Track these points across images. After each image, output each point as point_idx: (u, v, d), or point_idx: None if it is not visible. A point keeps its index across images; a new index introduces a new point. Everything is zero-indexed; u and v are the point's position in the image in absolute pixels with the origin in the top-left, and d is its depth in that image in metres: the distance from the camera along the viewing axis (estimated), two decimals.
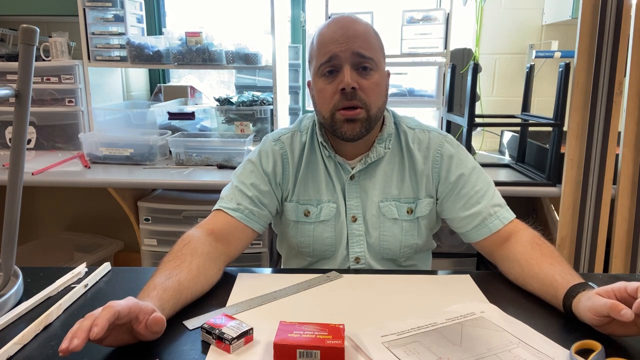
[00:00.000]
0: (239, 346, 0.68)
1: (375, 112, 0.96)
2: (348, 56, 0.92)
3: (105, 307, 0.62)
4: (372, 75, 0.94)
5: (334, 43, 0.92)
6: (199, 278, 0.83)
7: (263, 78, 2.36)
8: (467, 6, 2.18)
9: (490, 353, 0.67)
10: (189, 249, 0.86)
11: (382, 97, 0.97)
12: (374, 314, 0.79)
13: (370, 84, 0.94)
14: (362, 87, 0.93)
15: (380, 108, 0.97)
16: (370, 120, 0.96)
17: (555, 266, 0.84)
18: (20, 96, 0.74)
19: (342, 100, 0.93)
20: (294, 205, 1.04)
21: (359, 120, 0.94)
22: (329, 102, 0.95)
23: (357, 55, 0.92)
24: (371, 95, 0.94)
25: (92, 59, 2.05)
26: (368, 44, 0.94)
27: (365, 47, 0.93)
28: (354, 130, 0.95)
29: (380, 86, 0.96)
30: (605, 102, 1.60)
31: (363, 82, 0.93)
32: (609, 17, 1.56)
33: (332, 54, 0.92)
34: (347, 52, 0.92)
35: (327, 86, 0.95)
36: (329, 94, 0.94)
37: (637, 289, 0.67)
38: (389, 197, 1.03)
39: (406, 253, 1.05)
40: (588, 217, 1.66)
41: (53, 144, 2.13)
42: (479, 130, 2.29)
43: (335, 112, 0.94)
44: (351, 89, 0.92)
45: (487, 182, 1.02)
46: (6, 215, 0.76)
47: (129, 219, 1.94)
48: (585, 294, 0.74)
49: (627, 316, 0.64)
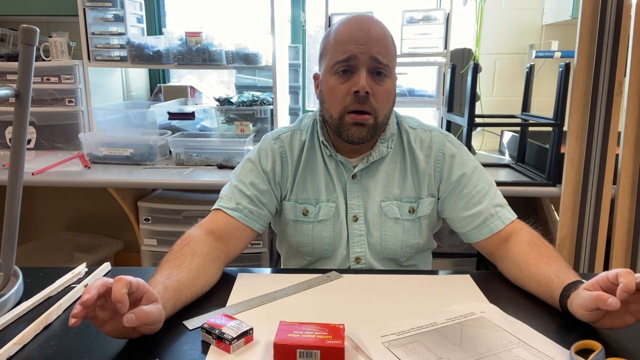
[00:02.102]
0: (239, 346, 0.68)
1: (382, 119, 0.96)
2: (366, 59, 0.91)
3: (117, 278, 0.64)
4: (385, 82, 0.94)
5: (354, 43, 0.92)
6: (199, 278, 0.83)
7: (263, 78, 2.36)
8: (467, 6, 2.18)
9: (490, 353, 0.67)
10: (189, 248, 0.86)
11: (390, 104, 0.97)
12: (374, 314, 0.79)
13: (382, 91, 0.94)
14: (375, 93, 0.93)
15: (387, 115, 0.97)
16: (377, 127, 0.96)
17: (552, 265, 0.84)
18: (20, 96, 0.74)
19: (354, 103, 0.93)
20: (293, 204, 1.04)
21: (367, 125, 0.94)
22: (339, 103, 0.94)
23: (375, 60, 0.92)
24: (382, 102, 0.94)
25: (92, 59, 2.05)
26: (386, 49, 0.93)
27: (383, 53, 0.92)
28: (360, 134, 0.95)
29: (391, 94, 0.96)
30: (605, 102, 1.60)
31: (376, 88, 0.93)
32: (609, 17, 1.56)
33: (351, 54, 0.91)
34: (365, 55, 0.91)
35: (339, 85, 0.94)
36: (341, 94, 0.94)
37: (616, 275, 0.68)
38: (390, 196, 1.03)
39: (407, 253, 1.05)
40: (588, 217, 1.66)
41: (53, 144, 2.13)
42: (479, 130, 2.29)
43: (345, 113, 0.94)
44: (365, 93, 0.91)
45: (488, 182, 1.02)
46: (6, 215, 0.76)
47: (129, 219, 1.94)
48: (577, 291, 0.74)
49: (613, 304, 0.64)
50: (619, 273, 0.67)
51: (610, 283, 0.69)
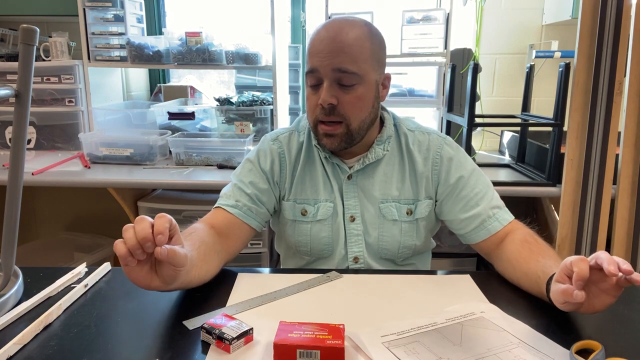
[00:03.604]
0: (239, 346, 0.68)
1: (357, 125, 0.95)
2: (328, 72, 0.91)
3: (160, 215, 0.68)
4: (355, 89, 0.92)
5: (317, 55, 0.91)
6: (206, 262, 0.84)
7: (263, 78, 2.36)
8: (467, 6, 2.18)
9: (490, 353, 0.67)
10: (197, 235, 0.87)
11: (366, 109, 0.95)
12: (374, 314, 0.79)
13: (351, 99, 0.92)
14: (342, 102, 0.92)
15: (364, 121, 0.95)
16: (352, 134, 0.95)
17: (541, 261, 0.83)
18: (20, 96, 0.74)
19: (322, 114, 0.93)
20: (292, 204, 1.05)
21: (337, 135, 0.94)
22: (312, 113, 0.96)
23: (338, 70, 0.90)
24: (352, 110, 0.93)
25: (92, 59, 2.05)
26: (353, 57, 0.90)
27: (348, 61, 0.89)
28: (332, 144, 0.96)
29: (363, 99, 0.94)
30: (605, 102, 1.60)
31: (344, 97, 0.92)
32: (609, 17, 1.56)
33: (314, 67, 0.92)
34: (327, 68, 0.90)
35: (311, 96, 0.95)
36: (312, 105, 0.95)
37: (571, 262, 0.67)
38: (389, 198, 1.03)
39: (404, 254, 1.05)
40: (588, 217, 1.66)
41: (53, 144, 2.13)
42: (479, 130, 2.29)
43: (317, 123, 0.96)
44: (329, 105, 0.91)
45: (486, 184, 1.02)
46: (6, 215, 0.76)
47: (129, 219, 1.93)
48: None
49: (579, 297, 0.64)
50: (573, 262, 0.67)
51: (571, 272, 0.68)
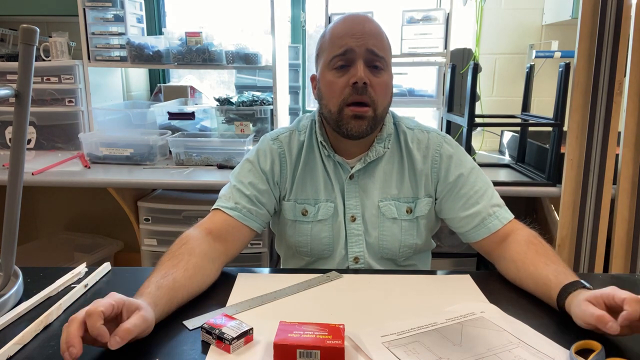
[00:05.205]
0: (239, 346, 0.68)
1: (381, 112, 0.96)
2: (363, 52, 0.93)
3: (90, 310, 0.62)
4: (382, 74, 0.95)
5: (351, 37, 0.93)
6: (196, 277, 0.83)
7: (263, 78, 2.36)
8: (467, 6, 2.18)
9: (490, 353, 0.67)
10: (186, 248, 0.86)
11: (388, 97, 0.98)
12: (374, 314, 0.79)
13: (380, 83, 0.95)
14: (373, 84, 0.94)
15: (385, 108, 0.98)
16: (376, 120, 0.96)
17: (550, 265, 0.84)
18: (20, 96, 0.74)
19: (353, 95, 0.93)
20: (292, 204, 1.04)
21: (366, 118, 0.94)
22: (338, 96, 0.94)
23: (371, 52, 0.93)
24: (380, 94, 0.95)
25: (92, 59, 2.05)
26: (382, 43, 0.95)
27: (379, 46, 0.94)
28: (360, 127, 0.95)
29: (388, 87, 0.97)
30: (605, 102, 1.60)
31: (374, 79, 0.94)
32: (609, 17, 1.56)
33: (348, 48, 0.92)
34: (362, 48, 0.92)
35: (337, 79, 0.94)
36: (339, 88, 0.94)
37: (623, 299, 0.67)
38: (388, 196, 1.03)
39: (405, 253, 1.05)
40: (588, 217, 1.66)
41: (53, 144, 2.13)
42: (479, 130, 2.29)
43: (344, 107, 0.94)
44: (363, 84, 0.92)
45: (485, 183, 1.02)
46: (6, 215, 0.76)
47: (129, 219, 1.93)
48: (577, 297, 0.74)
49: (613, 329, 0.65)
50: (626, 300, 0.67)
51: (615, 303, 0.68)
